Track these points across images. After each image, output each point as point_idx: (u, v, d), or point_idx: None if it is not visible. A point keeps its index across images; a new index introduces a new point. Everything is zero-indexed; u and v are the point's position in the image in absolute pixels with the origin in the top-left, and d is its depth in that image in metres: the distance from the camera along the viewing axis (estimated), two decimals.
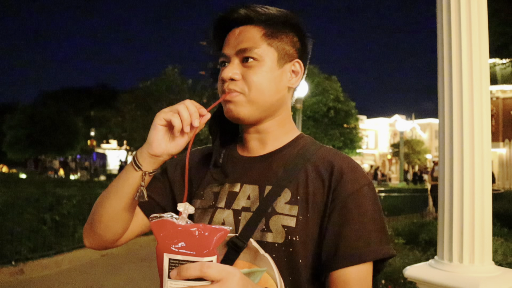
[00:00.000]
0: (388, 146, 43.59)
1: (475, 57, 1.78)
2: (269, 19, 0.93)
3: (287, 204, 0.89)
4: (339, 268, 0.84)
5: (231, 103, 0.92)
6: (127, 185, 0.90)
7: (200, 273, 0.61)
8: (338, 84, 23.15)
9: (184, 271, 0.61)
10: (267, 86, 0.92)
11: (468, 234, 1.76)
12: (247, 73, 0.91)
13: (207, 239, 0.63)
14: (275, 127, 0.97)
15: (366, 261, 0.85)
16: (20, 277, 5.28)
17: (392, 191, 14.97)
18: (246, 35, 0.92)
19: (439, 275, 1.78)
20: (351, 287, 0.84)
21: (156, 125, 0.86)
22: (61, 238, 6.14)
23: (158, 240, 0.64)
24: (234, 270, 0.65)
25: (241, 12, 0.93)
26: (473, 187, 1.76)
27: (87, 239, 1.01)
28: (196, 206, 0.98)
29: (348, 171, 0.90)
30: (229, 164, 0.99)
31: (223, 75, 0.91)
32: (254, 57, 0.90)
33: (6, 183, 8.94)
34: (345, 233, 0.86)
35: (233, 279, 0.63)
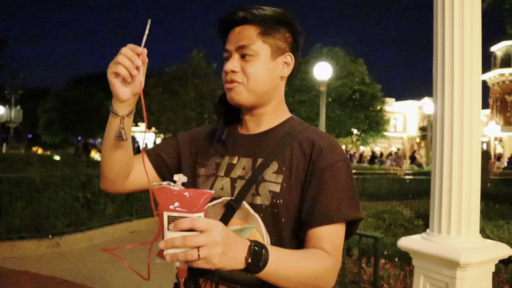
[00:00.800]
0: (416, 129, 42.75)
1: (467, 49, 1.90)
2: (263, 19, 1.10)
3: (274, 173, 1.08)
4: (314, 227, 1.02)
5: (232, 91, 1.11)
6: (111, 131, 1.03)
7: (191, 225, 0.78)
8: (364, 67, 22.85)
9: (179, 224, 0.78)
10: (262, 76, 1.10)
11: (455, 208, 1.91)
12: (245, 66, 1.09)
13: (196, 200, 0.80)
14: (269, 110, 1.16)
15: (336, 222, 1.02)
16: (56, 249, 5.69)
17: (418, 174, 14.89)
18: (244, 33, 1.09)
19: (428, 246, 1.94)
20: (324, 242, 1.01)
21: (110, 80, 0.96)
22: (93, 214, 6.50)
23: (159, 202, 0.81)
24: (217, 222, 0.81)
25: (240, 14, 1.10)
26: (461, 166, 1.90)
27: (101, 183, 1.19)
28: (201, 173, 1.18)
29: (327, 148, 1.08)
30: (230, 140, 1.18)
31: (225, 68, 1.10)
32: (250, 53, 1.09)
33: (43, 163, 9.41)
34: (320, 198, 1.03)
35: (216, 229, 0.79)
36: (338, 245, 1.03)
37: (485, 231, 4.79)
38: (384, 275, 3.62)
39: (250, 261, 0.83)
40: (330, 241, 1.01)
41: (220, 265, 0.79)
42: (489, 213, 6.53)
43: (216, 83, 19.80)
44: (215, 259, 0.78)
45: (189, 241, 0.76)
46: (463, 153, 1.89)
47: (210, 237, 0.77)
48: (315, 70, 9.58)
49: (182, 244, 0.76)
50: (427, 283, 1.97)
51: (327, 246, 1.00)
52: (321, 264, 0.97)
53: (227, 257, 0.80)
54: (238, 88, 1.10)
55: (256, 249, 0.85)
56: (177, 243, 0.77)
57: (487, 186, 11.37)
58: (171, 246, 0.77)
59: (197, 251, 0.76)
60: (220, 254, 0.78)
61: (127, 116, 1.01)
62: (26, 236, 5.60)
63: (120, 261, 1.02)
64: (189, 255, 0.77)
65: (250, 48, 1.08)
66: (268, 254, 0.86)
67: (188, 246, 0.76)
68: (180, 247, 0.77)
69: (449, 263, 1.84)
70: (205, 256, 0.77)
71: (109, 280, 4.56)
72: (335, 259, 1.01)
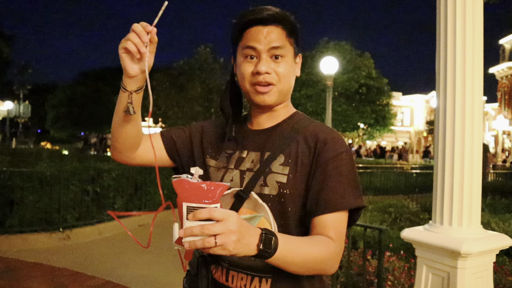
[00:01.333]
0: (424, 123, 42.52)
1: (468, 42, 1.94)
2: (286, 20, 1.13)
3: (281, 165, 1.14)
4: (319, 215, 1.08)
5: (265, 94, 1.15)
6: (121, 105, 1.09)
7: (209, 215, 0.83)
8: (371, 61, 22.75)
9: (198, 214, 0.83)
10: (289, 77, 1.17)
11: (457, 200, 1.96)
12: (277, 67, 1.13)
13: (212, 192, 0.86)
14: (280, 107, 1.22)
15: (340, 210, 1.08)
16: (67, 242, 5.80)
17: (426, 168, 14.90)
18: (274, 35, 1.12)
19: (430, 236, 1.99)
20: (328, 229, 1.07)
21: (120, 55, 1.00)
22: (102, 208, 6.60)
23: (178, 193, 0.86)
24: (232, 212, 0.87)
25: (268, 14, 1.11)
26: (463, 158, 1.95)
27: (112, 154, 1.25)
28: (211, 164, 1.24)
29: (330, 141, 1.14)
30: (240, 136, 1.24)
31: (259, 69, 1.11)
32: (283, 55, 1.13)
33: (52, 158, 9.54)
34: (325, 188, 1.09)
35: (232, 219, 0.84)
36: (341, 231, 1.09)
37: (490, 224, 4.81)
38: (389, 267, 3.67)
39: (261, 247, 0.89)
40: (333, 228, 1.07)
41: (235, 251, 0.85)
42: (495, 207, 6.54)
43: (223, 78, 19.81)
44: (231, 246, 0.83)
45: (207, 230, 0.82)
46: (465, 145, 1.94)
47: (226, 226, 0.83)
48: (322, 64, 9.58)
49: (200, 232, 0.82)
50: (429, 273, 2.02)
51: (331, 233, 1.06)
52: (325, 250, 1.03)
53: (241, 244, 0.86)
54: (273, 90, 1.15)
55: (267, 236, 0.91)
56: (195, 231, 0.82)
57: (485, 179, 11.31)
58: (190, 234, 0.83)
59: (214, 238, 0.82)
60: (235, 241, 0.84)
61: (135, 92, 1.06)
62: (38, 229, 5.72)
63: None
64: (207, 243, 0.82)
65: (282, 49, 1.12)
66: (278, 241, 0.92)
67: (206, 234, 0.82)
68: (198, 235, 0.82)
69: (451, 253, 1.89)
70: (221, 243, 0.82)
71: (119, 272, 4.65)
72: (339, 245, 1.07)
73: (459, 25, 1.95)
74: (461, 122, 1.94)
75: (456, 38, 1.95)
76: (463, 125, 1.94)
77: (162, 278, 4.50)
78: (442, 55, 2.01)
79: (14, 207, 5.80)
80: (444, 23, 2.00)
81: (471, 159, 1.95)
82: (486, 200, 6.72)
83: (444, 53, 1.99)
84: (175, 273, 3.98)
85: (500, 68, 34.05)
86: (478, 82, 1.97)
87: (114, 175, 7.03)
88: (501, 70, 34.19)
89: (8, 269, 4.55)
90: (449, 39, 1.97)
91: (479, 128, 1.97)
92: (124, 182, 7.19)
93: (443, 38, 2.00)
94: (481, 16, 1.98)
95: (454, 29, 1.96)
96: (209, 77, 20.21)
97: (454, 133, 1.95)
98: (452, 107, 1.96)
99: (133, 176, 7.43)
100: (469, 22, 1.94)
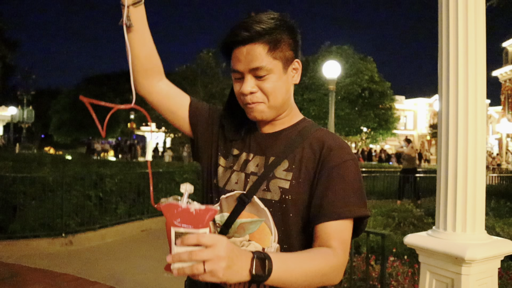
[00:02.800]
0: (427, 127, 42.42)
1: (471, 45, 1.92)
2: (268, 34, 1.07)
3: (284, 171, 1.13)
4: (321, 222, 1.06)
5: (254, 110, 1.14)
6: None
7: (197, 241, 0.81)
8: (373, 65, 22.75)
9: (186, 240, 0.81)
10: (279, 91, 1.12)
11: (461, 205, 1.93)
12: (262, 84, 1.09)
13: (201, 216, 0.83)
14: (283, 115, 1.20)
15: (343, 218, 1.06)
16: (69, 247, 5.80)
17: (429, 172, 14.83)
18: (253, 54, 1.07)
19: (433, 242, 1.97)
20: (331, 238, 1.04)
21: None
22: (105, 213, 6.60)
23: (167, 218, 0.84)
24: (221, 237, 0.84)
25: (244, 35, 1.07)
26: (466, 164, 1.92)
27: (136, 85, 1.19)
28: (221, 163, 1.23)
29: (336, 148, 1.12)
30: (248, 137, 1.23)
31: (243, 90, 1.10)
32: (264, 74, 1.08)
33: (55, 163, 9.55)
34: (328, 195, 1.07)
35: (221, 244, 0.82)
36: (345, 240, 1.06)
37: (495, 229, 4.77)
38: (392, 273, 3.64)
39: (254, 272, 0.86)
40: (337, 237, 1.05)
41: (225, 278, 0.82)
42: (500, 211, 6.49)
43: (225, 83, 19.85)
44: (220, 273, 0.81)
45: (195, 256, 0.80)
46: (468, 149, 1.92)
47: (215, 252, 0.80)
48: (324, 68, 9.56)
49: (188, 258, 0.80)
50: (433, 279, 2.00)
51: (334, 242, 1.03)
52: (327, 262, 1.00)
53: (232, 270, 0.83)
54: (260, 107, 1.13)
55: (260, 260, 0.88)
56: (183, 257, 0.80)
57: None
58: (178, 260, 0.81)
59: (203, 265, 0.80)
60: (224, 268, 0.81)
61: (132, 6, 1.07)
62: (40, 234, 5.72)
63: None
64: (196, 269, 0.80)
65: (263, 68, 1.08)
66: (272, 263, 0.89)
67: (194, 261, 0.80)
68: (186, 261, 0.80)
69: (455, 260, 1.86)
70: (210, 270, 0.80)
71: (121, 277, 4.64)
72: (342, 254, 1.04)
73: (462, 28, 1.93)
74: (464, 125, 1.92)
75: (458, 41, 1.94)
76: (466, 129, 1.92)
77: (165, 283, 4.48)
78: (444, 58, 1.99)
79: (17, 212, 5.80)
80: (446, 26, 1.98)
81: (475, 163, 1.93)
82: (490, 204, 6.67)
83: (447, 56, 1.98)
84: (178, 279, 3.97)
85: (503, 71, 33.95)
86: (481, 85, 1.95)
87: (116, 180, 7.04)
88: (504, 73, 34.09)
89: (10, 275, 4.54)
90: (451, 42, 1.96)
91: (483, 131, 1.95)
92: (126, 187, 7.19)
93: (445, 41, 1.98)
94: (483, 18, 1.96)
95: (456, 32, 1.94)
96: (211, 81, 20.26)
97: (457, 136, 1.93)
98: (455, 110, 1.94)
99: (135, 181, 7.43)
100: (471, 25, 1.92)
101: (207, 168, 1.27)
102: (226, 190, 1.18)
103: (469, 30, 1.92)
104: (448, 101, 1.97)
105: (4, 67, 26.64)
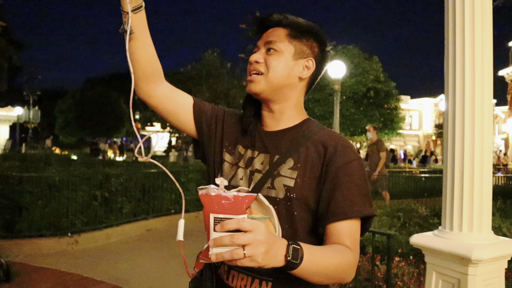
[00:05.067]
0: (432, 127, 42.25)
1: (477, 45, 1.91)
2: (294, 24, 1.19)
3: (289, 169, 1.14)
4: (330, 223, 1.08)
5: (252, 82, 1.19)
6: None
7: (237, 226, 0.83)
8: (379, 64, 22.68)
9: (226, 224, 0.83)
10: (280, 70, 1.17)
11: (467, 205, 1.92)
12: (268, 58, 1.18)
13: (240, 203, 0.86)
14: (287, 109, 1.22)
15: (350, 218, 1.08)
16: (75, 247, 5.82)
17: (434, 172, 14.77)
18: (274, 33, 1.20)
19: (440, 242, 1.96)
20: (343, 237, 1.07)
21: None
22: (110, 213, 6.62)
23: (205, 205, 0.86)
24: (260, 223, 0.87)
25: (275, 17, 1.21)
26: (472, 163, 1.92)
27: (136, 89, 1.22)
28: (226, 159, 1.25)
29: (341, 149, 1.14)
30: (253, 134, 1.25)
31: (250, 58, 1.20)
32: (275, 48, 1.18)
33: (61, 163, 9.60)
34: (335, 196, 1.09)
35: (260, 229, 0.84)
36: (356, 239, 1.09)
37: (502, 229, 4.74)
38: (398, 273, 3.63)
39: (289, 258, 0.89)
40: (349, 236, 1.07)
41: (263, 263, 0.84)
42: (507, 211, 6.45)
43: (230, 83, 19.86)
44: (259, 257, 0.83)
45: (237, 239, 0.81)
46: (475, 149, 1.91)
47: (255, 236, 0.82)
48: (329, 68, 9.56)
49: (230, 242, 0.81)
50: (439, 280, 1.99)
51: (347, 241, 1.06)
52: (345, 259, 1.03)
53: (269, 255, 0.85)
54: (258, 78, 1.18)
55: (294, 247, 0.90)
56: (225, 241, 0.82)
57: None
58: (220, 244, 0.82)
59: (243, 250, 0.81)
60: (263, 252, 0.83)
61: (133, 12, 1.09)
62: (46, 234, 5.74)
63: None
64: (235, 254, 0.82)
65: (276, 44, 1.17)
66: (303, 252, 0.92)
67: (236, 244, 0.81)
68: (228, 245, 0.82)
69: (461, 260, 1.85)
70: (250, 255, 0.82)
71: (127, 277, 4.65)
72: (355, 253, 1.07)
73: (468, 28, 1.92)
74: (470, 125, 1.92)
75: (465, 41, 1.93)
76: (472, 129, 1.91)
77: (170, 283, 4.49)
78: (451, 58, 1.98)
79: (23, 212, 5.83)
80: (452, 26, 1.98)
81: (481, 163, 1.92)
82: (497, 204, 6.63)
83: (453, 56, 1.97)
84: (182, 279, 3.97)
85: (509, 70, 33.71)
86: (488, 85, 1.94)
87: (122, 180, 7.06)
88: (510, 73, 33.86)
89: (16, 274, 4.57)
90: (457, 42, 1.95)
91: (489, 131, 1.94)
92: (132, 187, 7.21)
93: (452, 40, 1.98)
94: (490, 18, 1.95)
95: (462, 32, 1.93)
96: (216, 82, 20.28)
97: (463, 136, 1.93)
98: (461, 110, 1.93)
99: (140, 180, 7.45)
100: (478, 24, 1.91)
101: (212, 165, 1.28)
102: (232, 185, 1.19)
103: (476, 30, 1.92)
104: (455, 101, 1.96)
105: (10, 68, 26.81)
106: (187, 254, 1.03)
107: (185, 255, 0.97)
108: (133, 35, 1.11)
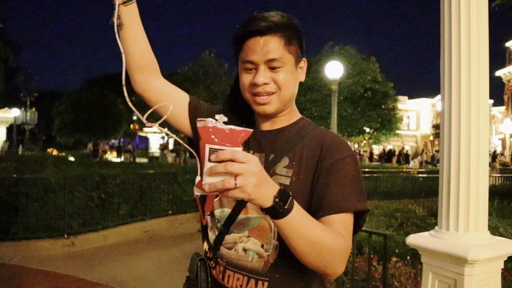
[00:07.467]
0: (430, 127, 42.32)
1: (473, 45, 1.91)
2: (284, 27, 1.11)
3: (285, 168, 1.14)
4: (322, 216, 1.05)
5: (267, 104, 1.15)
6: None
7: (231, 156, 0.82)
8: (376, 65, 22.68)
9: (221, 154, 0.83)
10: (291, 85, 1.15)
11: (463, 206, 1.92)
12: (275, 76, 1.12)
13: (236, 135, 0.86)
14: (285, 112, 1.22)
15: (344, 212, 1.05)
16: (71, 248, 5.81)
17: (431, 172, 14.80)
18: (271, 45, 1.10)
19: (436, 242, 1.95)
20: (335, 226, 1.03)
21: None
22: (107, 214, 6.60)
23: (202, 136, 0.87)
24: (254, 156, 0.87)
25: (263, 25, 1.09)
26: (468, 164, 1.91)
27: (132, 82, 1.22)
28: None
29: (335, 145, 1.13)
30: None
31: (256, 81, 1.11)
32: (280, 66, 1.11)
33: (58, 164, 9.57)
34: (329, 190, 1.08)
35: (254, 161, 0.84)
36: (349, 230, 1.06)
37: (498, 229, 4.75)
38: (395, 273, 3.63)
39: (277, 200, 0.87)
40: (341, 226, 1.04)
41: (253, 195, 0.84)
42: (503, 211, 6.46)
43: (227, 83, 19.85)
44: (250, 188, 0.82)
45: (230, 167, 0.81)
46: (471, 149, 1.90)
47: (248, 167, 0.82)
48: (327, 69, 9.55)
49: (224, 169, 0.81)
50: (435, 280, 1.98)
51: (340, 230, 1.03)
52: (337, 241, 0.98)
53: (260, 190, 0.84)
54: (272, 99, 1.14)
55: (285, 193, 0.89)
56: (219, 168, 0.82)
57: None
58: (214, 172, 0.82)
59: (234, 180, 0.81)
60: (254, 184, 0.83)
61: (123, 5, 1.10)
62: (43, 235, 5.73)
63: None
64: (227, 183, 0.81)
65: (279, 60, 1.10)
66: (293, 204, 0.90)
67: (229, 172, 0.81)
68: (221, 172, 0.82)
69: (457, 260, 1.85)
70: (241, 185, 0.81)
71: (123, 279, 4.64)
72: (348, 242, 1.03)
73: (464, 28, 1.92)
74: (466, 125, 1.91)
75: (460, 41, 1.92)
76: (468, 129, 1.91)
77: (167, 285, 4.48)
78: (447, 58, 1.98)
79: (19, 213, 5.81)
80: (448, 26, 1.97)
81: (477, 163, 1.91)
82: (493, 204, 6.64)
83: (449, 56, 1.96)
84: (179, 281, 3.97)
85: (506, 71, 33.83)
86: (484, 85, 1.93)
87: (118, 181, 7.04)
88: (507, 73, 33.97)
89: (13, 276, 4.55)
90: (453, 42, 1.94)
91: (485, 131, 1.94)
92: (129, 188, 7.19)
93: (448, 40, 1.97)
94: (486, 18, 1.95)
95: (458, 32, 1.93)
96: (213, 82, 20.28)
97: (459, 136, 1.92)
98: (458, 110, 1.93)
99: (137, 182, 7.43)
100: (473, 24, 1.91)
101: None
102: None
103: (472, 30, 1.91)
104: (451, 101, 1.95)
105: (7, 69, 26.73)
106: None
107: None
108: (123, 26, 1.12)
